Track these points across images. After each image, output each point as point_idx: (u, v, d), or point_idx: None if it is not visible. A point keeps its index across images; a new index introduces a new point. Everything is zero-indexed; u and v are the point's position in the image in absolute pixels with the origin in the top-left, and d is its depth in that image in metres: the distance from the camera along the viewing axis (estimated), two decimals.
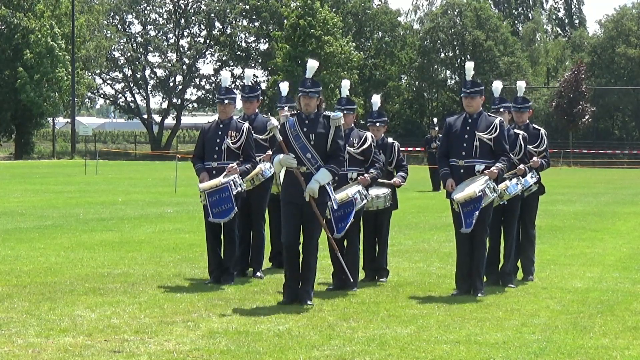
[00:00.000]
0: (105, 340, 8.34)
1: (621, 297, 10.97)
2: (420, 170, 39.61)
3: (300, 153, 10.20)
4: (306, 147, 10.21)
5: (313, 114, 10.29)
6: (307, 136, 10.21)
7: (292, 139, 10.25)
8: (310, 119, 10.28)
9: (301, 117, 10.31)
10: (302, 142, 10.21)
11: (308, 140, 10.20)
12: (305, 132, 10.22)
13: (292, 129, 10.27)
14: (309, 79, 10.27)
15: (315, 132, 10.21)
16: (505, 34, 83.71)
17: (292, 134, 10.26)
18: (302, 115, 10.32)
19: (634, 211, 24.47)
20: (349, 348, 8.17)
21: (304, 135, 10.21)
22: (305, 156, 10.18)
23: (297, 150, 10.20)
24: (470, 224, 10.85)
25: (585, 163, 67.52)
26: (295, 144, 10.22)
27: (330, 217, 11.24)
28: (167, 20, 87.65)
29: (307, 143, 10.19)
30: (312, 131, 10.22)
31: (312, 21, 69.75)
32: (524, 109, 12.58)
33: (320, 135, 10.22)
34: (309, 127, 10.24)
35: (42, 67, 64.68)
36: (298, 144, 10.21)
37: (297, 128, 10.24)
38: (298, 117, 10.34)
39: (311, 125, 10.25)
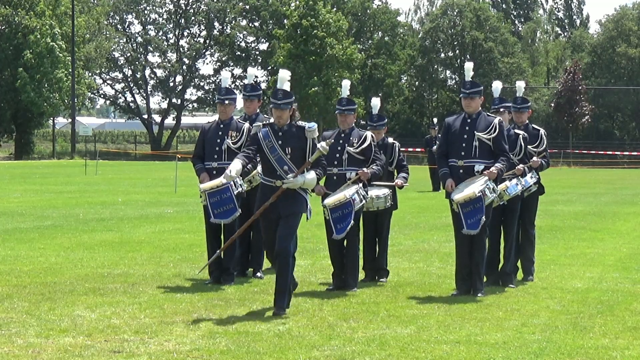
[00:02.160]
0: (105, 340, 8.34)
1: (621, 297, 10.97)
2: (420, 171, 39.61)
3: (276, 166, 9.80)
4: (283, 160, 9.80)
5: (286, 125, 9.89)
6: (283, 149, 9.81)
7: (267, 151, 9.83)
8: (284, 130, 9.87)
9: (274, 129, 9.90)
10: (279, 154, 9.81)
11: (285, 153, 9.80)
12: (280, 145, 9.82)
13: (266, 140, 9.84)
14: (281, 90, 9.88)
15: (291, 145, 9.83)
16: (505, 34, 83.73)
17: (266, 146, 9.84)
18: (275, 127, 9.90)
19: (634, 211, 24.46)
20: (349, 348, 8.17)
21: (280, 147, 9.82)
22: (282, 169, 9.78)
23: (274, 163, 9.81)
24: (472, 225, 10.84)
25: (585, 163, 67.52)
26: (270, 156, 9.82)
27: (329, 218, 11.24)
28: (167, 20, 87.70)
29: (283, 156, 9.80)
30: (288, 144, 9.83)
31: (315, 22, 69.74)
32: (523, 109, 12.58)
33: (297, 148, 9.84)
34: (284, 139, 9.84)
35: (42, 67, 64.68)
36: (274, 157, 9.81)
37: (272, 140, 9.83)
38: (271, 128, 9.91)
39: (286, 137, 9.85)
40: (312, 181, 9.84)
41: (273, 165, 9.80)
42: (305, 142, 9.86)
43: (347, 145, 11.49)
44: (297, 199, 9.83)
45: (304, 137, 9.85)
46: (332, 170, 11.53)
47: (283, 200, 9.76)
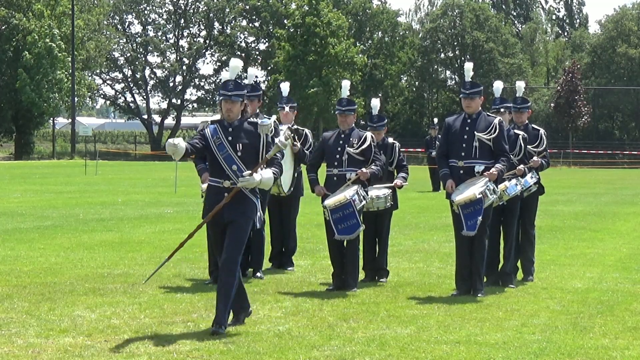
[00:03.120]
0: (105, 340, 8.34)
1: (621, 298, 10.97)
2: (420, 171, 39.61)
3: (224, 165, 8.91)
4: (232, 158, 8.89)
5: (237, 120, 8.99)
6: (232, 146, 8.90)
7: (215, 149, 8.93)
8: (235, 126, 8.96)
9: (224, 125, 8.99)
10: (227, 152, 8.89)
11: (234, 151, 8.89)
12: (230, 142, 8.91)
13: (214, 137, 8.93)
14: (232, 81, 9.08)
15: (242, 142, 8.91)
16: (505, 34, 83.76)
17: (214, 143, 8.93)
18: (225, 122, 8.99)
19: (634, 211, 24.46)
20: (349, 348, 8.17)
21: (229, 144, 8.91)
22: (231, 168, 8.87)
23: (222, 162, 8.89)
24: (472, 226, 10.84)
25: (585, 163, 67.52)
26: (219, 155, 8.91)
27: (329, 219, 11.24)
28: (167, 21, 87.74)
29: (232, 154, 8.89)
30: (238, 140, 8.91)
31: (318, 21, 69.78)
32: (523, 109, 12.58)
33: (248, 145, 8.93)
34: (234, 136, 8.92)
35: (42, 68, 64.70)
36: (222, 155, 8.89)
37: (221, 136, 8.91)
38: (220, 124, 9.01)
39: (236, 134, 8.93)
40: (269, 181, 8.95)
41: (221, 164, 8.91)
42: (258, 138, 8.94)
43: (347, 145, 11.48)
44: (246, 204, 8.93)
45: (256, 134, 8.96)
46: (332, 171, 11.54)
47: (230, 204, 8.88)
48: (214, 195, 8.91)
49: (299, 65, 69.43)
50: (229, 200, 8.81)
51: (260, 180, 8.84)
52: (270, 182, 8.96)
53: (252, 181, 8.78)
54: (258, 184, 8.84)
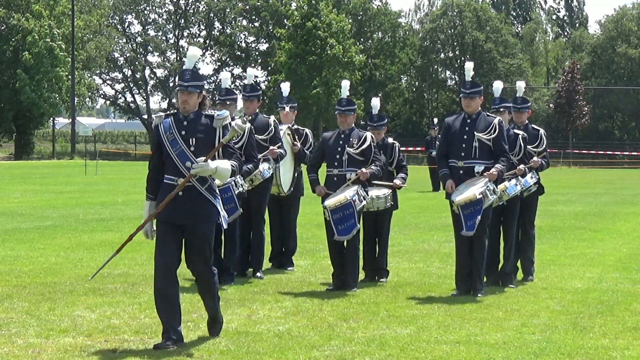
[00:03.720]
0: (105, 340, 8.34)
1: (621, 298, 10.97)
2: (420, 171, 39.61)
3: (177, 161, 8.25)
4: (185, 154, 8.22)
5: (193, 113, 8.32)
6: (185, 141, 8.25)
7: (168, 145, 8.26)
8: (190, 119, 8.30)
9: (178, 118, 8.33)
10: (180, 147, 8.24)
11: (187, 146, 8.23)
12: (183, 136, 8.26)
13: (167, 132, 8.28)
14: (189, 71, 8.35)
15: (196, 136, 8.25)
16: (506, 35, 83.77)
17: (167, 139, 8.27)
18: (180, 115, 8.34)
19: (634, 211, 24.46)
20: (348, 348, 8.17)
21: (182, 139, 8.26)
22: (185, 165, 8.21)
23: (174, 158, 8.25)
24: (471, 226, 10.84)
25: (585, 163, 67.52)
26: (171, 150, 8.25)
27: (330, 219, 11.24)
28: (167, 21, 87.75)
29: (186, 149, 8.22)
30: (192, 134, 8.26)
31: (318, 22, 69.79)
32: (523, 109, 12.58)
33: (203, 139, 8.26)
34: (188, 130, 8.27)
35: (42, 68, 64.71)
36: (175, 150, 8.24)
37: (174, 131, 8.26)
38: (175, 117, 8.35)
39: (191, 128, 8.27)
40: (226, 172, 8.22)
41: (174, 161, 8.26)
42: (214, 133, 8.29)
43: (347, 146, 11.48)
44: (205, 206, 8.27)
45: (212, 128, 8.31)
46: (332, 171, 11.54)
47: (188, 205, 8.22)
48: (167, 193, 8.24)
49: (299, 65, 69.43)
50: (181, 188, 8.14)
51: (216, 169, 8.13)
52: (227, 173, 8.23)
53: (206, 168, 8.07)
54: (213, 171, 8.13)
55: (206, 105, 8.50)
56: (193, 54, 8.43)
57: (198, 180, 8.21)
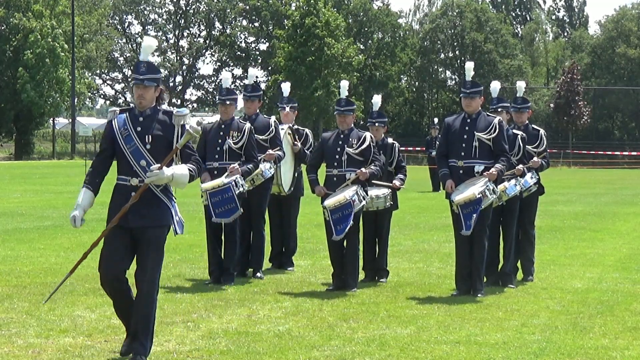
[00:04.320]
0: (105, 340, 8.35)
1: (621, 298, 10.97)
2: (420, 171, 39.60)
3: (132, 159, 7.69)
4: (140, 152, 7.66)
5: (150, 109, 7.77)
6: (141, 138, 7.67)
7: (122, 142, 7.69)
8: (146, 115, 7.74)
9: (134, 113, 7.78)
10: (135, 145, 7.67)
11: (142, 144, 7.66)
12: (139, 133, 7.68)
13: (121, 128, 7.71)
14: (144, 63, 7.76)
15: (152, 133, 7.68)
16: (506, 35, 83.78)
17: (122, 136, 7.70)
18: (136, 110, 7.79)
19: (633, 211, 24.47)
20: (348, 348, 8.17)
21: (137, 136, 7.68)
22: (139, 164, 7.65)
23: (129, 156, 7.67)
24: (470, 226, 10.85)
25: (585, 163, 67.52)
26: (125, 148, 7.67)
27: (329, 219, 11.24)
28: (167, 21, 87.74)
29: (141, 147, 7.66)
30: (148, 131, 7.69)
31: (317, 21, 69.82)
32: (523, 109, 12.59)
33: (160, 137, 7.70)
34: (144, 126, 7.70)
35: (44, 67, 64.74)
36: (129, 148, 7.66)
37: (129, 127, 7.69)
38: (130, 113, 7.80)
39: (147, 124, 7.71)
40: (183, 178, 7.65)
41: (128, 159, 7.69)
42: (172, 130, 7.72)
43: (346, 146, 11.49)
44: (158, 208, 7.71)
45: (170, 125, 7.74)
46: (331, 171, 11.55)
47: (139, 207, 7.66)
48: (120, 196, 7.73)
49: (299, 66, 69.45)
50: (137, 199, 7.59)
51: (172, 176, 7.55)
52: (184, 179, 7.64)
53: (161, 176, 7.49)
54: (169, 179, 7.56)
55: (164, 100, 7.98)
56: (148, 45, 7.86)
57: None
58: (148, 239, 7.64)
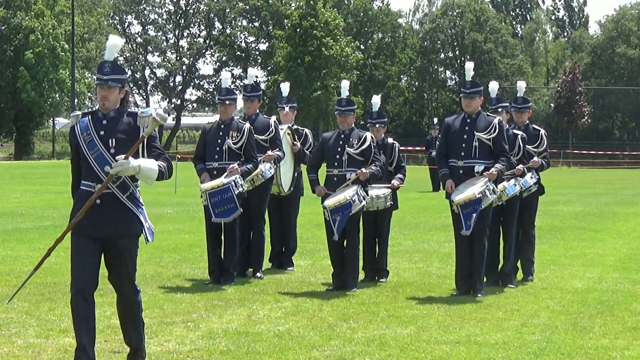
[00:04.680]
0: (105, 340, 8.34)
1: (621, 298, 10.97)
2: (420, 171, 39.59)
3: (95, 165, 7.24)
4: (104, 157, 7.24)
5: (114, 111, 7.33)
6: (104, 142, 7.24)
7: (85, 147, 7.26)
8: (110, 118, 7.31)
9: (97, 116, 7.34)
10: (99, 150, 7.23)
11: (106, 148, 7.24)
12: (102, 137, 7.26)
13: (84, 133, 7.29)
14: (109, 63, 7.37)
15: (117, 137, 7.25)
16: (505, 35, 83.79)
17: (84, 140, 7.28)
18: (99, 113, 7.35)
19: (633, 211, 24.47)
20: (348, 348, 8.17)
21: (100, 140, 7.25)
22: (103, 170, 7.21)
23: (92, 162, 7.24)
24: (469, 226, 10.85)
25: (585, 163, 67.53)
26: (88, 153, 7.25)
27: (329, 219, 11.24)
28: (167, 21, 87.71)
29: (104, 151, 7.23)
30: (112, 135, 7.26)
31: (315, 22, 69.84)
32: (524, 109, 12.59)
33: (124, 140, 7.24)
34: (108, 129, 7.27)
35: (44, 67, 64.76)
36: (93, 153, 7.24)
37: (92, 131, 7.27)
38: (93, 116, 7.36)
39: (111, 127, 7.28)
40: (151, 172, 7.23)
41: (92, 165, 7.26)
42: (137, 133, 7.27)
43: (346, 146, 11.49)
44: (128, 217, 7.31)
45: (135, 127, 7.30)
46: (332, 171, 11.55)
47: (107, 217, 7.24)
48: (84, 202, 7.22)
49: (298, 66, 69.46)
50: (98, 194, 7.15)
51: (139, 167, 7.14)
52: (152, 174, 7.23)
53: (126, 166, 7.07)
54: (135, 171, 7.14)
55: (129, 102, 7.55)
56: (114, 44, 7.51)
57: (118, 187, 7.24)
58: (120, 249, 7.33)
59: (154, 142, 7.37)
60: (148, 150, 7.33)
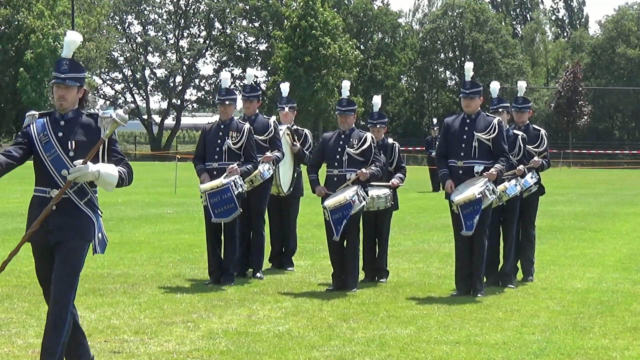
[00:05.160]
0: (105, 340, 8.34)
1: (621, 298, 10.97)
2: (420, 171, 39.58)
3: (51, 169, 6.81)
4: (61, 160, 6.80)
5: (72, 111, 6.91)
6: (62, 144, 6.82)
7: (41, 149, 6.83)
8: (68, 119, 6.88)
9: (54, 117, 6.91)
10: (56, 152, 6.81)
11: (64, 151, 6.82)
12: (60, 139, 6.83)
13: (40, 134, 6.86)
14: (67, 60, 6.89)
15: (76, 139, 6.82)
16: (505, 35, 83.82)
17: (40, 142, 6.85)
18: (56, 114, 6.93)
19: (633, 212, 24.47)
20: (348, 349, 8.17)
21: (58, 142, 6.82)
22: (60, 173, 6.77)
23: (49, 165, 6.81)
24: (471, 226, 10.84)
25: (585, 163, 67.54)
26: (44, 156, 6.82)
27: (329, 219, 11.24)
28: (167, 21, 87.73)
29: (62, 154, 6.81)
30: (71, 137, 6.83)
31: (314, 22, 69.86)
32: (524, 109, 12.59)
33: (84, 143, 6.81)
34: (66, 131, 6.84)
35: (44, 68, 64.77)
36: (49, 156, 6.81)
37: (49, 133, 6.84)
38: (50, 117, 6.93)
39: (69, 129, 6.85)
40: (111, 178, 6.80)
41: (48, 169, 6.83)
42: (97, 134, 6.83)
43: (347, 146, 11.49)
44: (81, 221, 6.88)
45: (96, 129, 6.87)
46: (332, 172, 11.55)
47: (61, 223, 6.81)
48: (38, 208, 6.82)
49: (298, 67, 69.48)
50: (59, 199, 6.74)
51: (99, 173, 6.70)
52: (112, 180, 6.80)
53: (84, 171, 6.63)
54: (94, 176, 6.70)
55: (89, 102, 7.05)
56: (72, 40, 6.97)
57: (76, 192, 6.82)
58: (64, 249, 6.82)
59: (115, 146, 6.94)
60: (108, 155, 6.88)
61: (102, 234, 7.03)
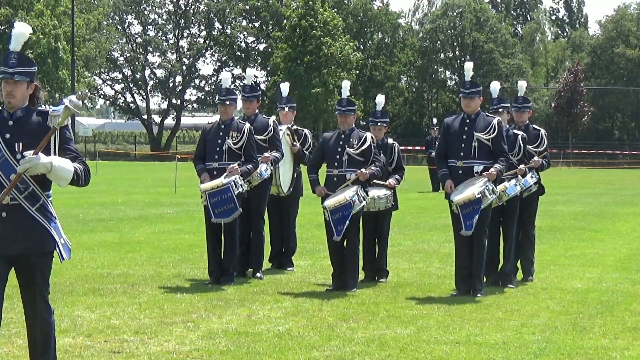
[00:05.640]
0: (105, 340, 8.35)
1: (621, 298, 10.97)
2: (420, 171, 39.58)
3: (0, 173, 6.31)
4: (10, 164, 6.29)
5: (21, 109, 6.40)
6: (10, 146, 6.31)
7: None
8: (17, 117, 6.38)
9: (2, 116, 6.40)
10: (4, 156, 6.30)
11: (12, 153, 6.30)
12: (8, 140, 6.33)
13: None
14: (15, 53, 6.39)
15: (25, 140, 6.32)
16: (505, 35, 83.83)
17: None
18: (4, 112, 6.41)
19: (633, 212, 24.47)
20: (348, 349, 8.17)
21: (5, 145, 6.31)
22: (9, 178, 6.26)
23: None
24: (470, 226, 10.85)
25: (585, 163, 67.54)
26: None
27: (329, 220, 11.24)
28: (167, 21, 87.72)
29: (9, 157, 6.30)
30: (20, 137, 6.33)
31: (314, 22, 69.88)
32: (524, 109, 12.59)
33: (34, 144, 6.27)
34: (14, 131, 6.34)
35: (44, 67, 64.78)
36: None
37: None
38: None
39: (18, 128, 6.35)
40: (65, 172, 6.27)
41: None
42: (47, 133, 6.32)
43: (347, 146, 11.49)
44: (36, 230, 6.38)
45: (46, 128, 6.36)
46: (332, 172, 11.55)
47: (14, 231, 6.36)
48: None
49: (297, 67, 69.48)
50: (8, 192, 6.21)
51: (51, 165, 6.18)
52: (67, 174, 6.26)
53: (36, 162, 6.12)
54: (47, 168, 6.18)
55: (40, 98, 6.56)
56: (20, 32, 6.43)
57: (27, 198, 6.32)
58: (31, 267, 6.51)
59: (68, 145, 6.40)
60: (61, 152, 6.34)
61: (64, 239, 6.50)
